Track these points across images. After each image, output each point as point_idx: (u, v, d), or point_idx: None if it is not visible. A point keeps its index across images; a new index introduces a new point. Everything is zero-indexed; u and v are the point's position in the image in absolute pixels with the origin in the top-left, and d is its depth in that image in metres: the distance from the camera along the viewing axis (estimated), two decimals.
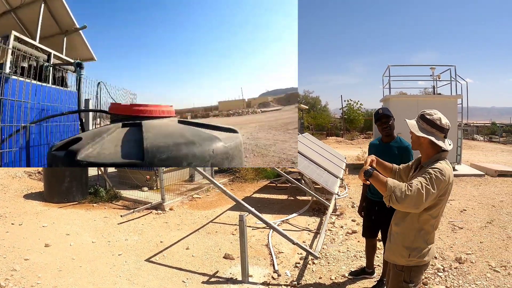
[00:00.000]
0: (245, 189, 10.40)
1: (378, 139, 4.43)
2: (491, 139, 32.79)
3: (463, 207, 7.96)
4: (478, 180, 11.51)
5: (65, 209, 7.88)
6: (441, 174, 2.48)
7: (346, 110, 39.50)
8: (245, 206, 4.88)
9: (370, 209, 4.38)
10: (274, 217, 7.32)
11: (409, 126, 2.71)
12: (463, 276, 4.59)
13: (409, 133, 2.77)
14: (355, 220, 6.97)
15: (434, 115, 2.66)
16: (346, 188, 10.18)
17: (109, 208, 8.13)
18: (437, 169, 2.50)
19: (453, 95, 13.85)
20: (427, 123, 2.65)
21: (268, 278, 4.65)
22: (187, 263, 5.17)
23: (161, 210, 7.91)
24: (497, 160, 16.54)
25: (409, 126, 2.71)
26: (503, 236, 6.08)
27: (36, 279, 4.50)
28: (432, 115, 2.66)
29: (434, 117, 2.64)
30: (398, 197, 2.40)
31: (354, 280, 4.58)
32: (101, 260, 5.20)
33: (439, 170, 2.49)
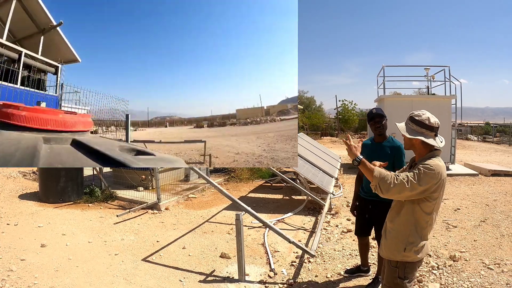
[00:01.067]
0: (240, 188, 10.42)
1: (370, 139, 4.47)
2: (485, 139, 33.03)
3: (457, 206, 8.03)
4: (472, 179, 11.60)
5: (60, 209, 7.86)
6: (430, 169, 2.56)
7: (340, 110, 39.62)
8: (241, 205, 4.90)
9: (363, 208, 4.42)
10: (269, 216, 7.35)
11: (399, 129, 2.79)
12: (457, 274, 4.64)
13: (402, 135, 2.84)
14: (350, 219, 7.01)
15: (422, 115, 2.72)
16: (341, 187, 10.22)
17: (104, 208, 8.12)
18: (427, 165, 2.58)
19: (447, 95, 13.95)
20: (416, 124, 2.72)
21: (265, 276, 4.68)
22: (183, 262, 5.18)
23: (156, 209, 7.92)
24: (491, 160, 16.68)
25: (399, 129, 2.79)
26: (497, 235, 6.14)
27: (32, 279, 4.49)
28: (420, 116, 2.72)
29: (423, 117, 2.71)
30: (384, 188, 2.56)
31: (350, 278, 4.62)
32: (97, 260, 5.20)
33: (428, 165, 2.58)
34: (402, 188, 2.52)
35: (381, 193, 2.58)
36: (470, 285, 4.35)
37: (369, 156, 4.28)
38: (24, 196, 8.86)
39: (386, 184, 2.54)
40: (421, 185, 2.54)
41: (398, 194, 2.56)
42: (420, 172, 2.55)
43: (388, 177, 2.57)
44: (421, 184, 2.54)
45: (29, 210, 7.65)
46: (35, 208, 7.83)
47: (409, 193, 2.55)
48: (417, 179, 2.54)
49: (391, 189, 2.53)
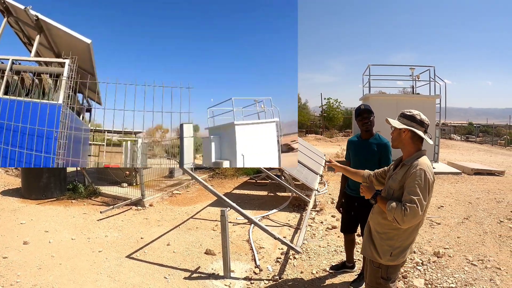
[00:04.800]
0: (224, 185, 10.40)
1: (356, 136, 4.46)
2: (468, 139, 33.57)
3: (441, 203, 8.13)
4: (455, 178, 11.76)
5: (43, 206, 7.73)
6: (427, 175, 2.56)
7: (325, 108, 39.79)
8: (227, 201, 4.88)
9: (349, 205, 4.41)
10: (254, 213, 7.34)
11: (390, 122, 2.77)
12: (442, 270, 4.69)
13: (390, 134, 2.83)
14: (335, 216, 7.04)
15: (413, 111, 2.76)
16: (325, 184, 10.27)
17: (88, 204, 8.01)
18: (422, 170, 2.56)
19: (432, 95, 14.11)
20: (406, 118, 2.74)
21: (250, 273, 4.66)
22: (168, 259, 5.14)
23: (141, 206, 7.84)
24: (474, 159, 16.93)
25: (390, 122, 2.77)
26: (480, 232, 6.22)
27: (15, 277, 4.41)
28: (411, 112, 2.76)
29: (414, 113, 2.74)
30: (400, 221, 2.50)
31: (335, 274, 4.63)
32: (81, 257, 5.12)
33: (424, 171, 2.56)
34: (415, 213, 2.46)
35: (399, 224, 2.53)
36: (454, 280, 4.39)
37: (356, 152, 4.30)
38: (6, 192, 8.71)
39: (400, 215, 2.49)
40: (426, 197, 2.54)
41: (415, 219, 2.51)
42: (420, 186, 2.51)
43: (398, 210, 2.50)
44: (426, 196, 2.54)
45: (11, 207, 7.52)
46: (17, 205, 7.70)
47: (421, 211, 2.50)
48: (422, 194, 2.51)
49: (406, 220, 2.47)
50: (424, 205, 2.51)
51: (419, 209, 2.46)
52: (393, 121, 2.78)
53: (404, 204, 2.50)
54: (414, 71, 15.92)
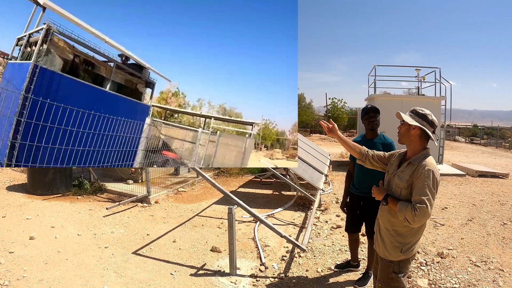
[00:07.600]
0: (230, 183, 10.43)
1: (361, 136, 4.49)
2: (472, 141, 33.45)
3: (445, 205, 8.13)
4: (459, 179, 11.74)
5: (49, 202, 7.79)
6: (435, 175, 2.61)
7: (330, 108, 39.75)
8: (234, 199, 4.91)
9: (354, 204, 4.44)
10: (259, 211, 7.36)
11: (403, 116, 2.78)
12: (445, 270, 4.71)
13: (397, 128, 2.85)
14: (340, 215, 7.06)
15: (425, 110, 2.78)
16: (330, 184, 10.27)
17: (93, 200, 8.07)
18: (431, 171, 2.60)
19: (437, 96, 14.08)
20: (418, 116, 2.75)
21: (256, 270, 4.70)
22: (174, 256, 5.18)
23: (146, 203, 7.89)
24: (478, 161, 16.88)
25: (403, 116, 2.78)
26: (483, 233, 6.24)
27: (22, 272, 4.46)
28: (424, 110, 2.78)
29: (426, 112, 2.76)
30: (411, 221, 2.56)
31: (340, 273, 4.66)
32: (87, 253, 5.17)
33: (432, 172, 2.60)
34: (425, 212, 2.52)
35: (410, 224, 2.59)
36: (458, 281, 4.41)
37: None
38: (12, 188, 8.78)
39: (411, 216, 2.54)
40: (434, 196, 2.60)
41: (425, 218, 2.56)
42: (430, 187, 2.57)
43: (409, 210, 2.56)
44: (434, 195, 2.60)
45: (17, 202, 7.58)
46: (23, 200, 7.76)
47: (431, 211, 2.57)
48: (431, 194, 2.56)
49: (416, 219, 2.53)
50: (433, 205, 2.56)
51: (429, 209, 2.51)
52: (405, 116, 2.79)
53: (415, 205, 2.55)
54: (420, 72, 15.89)
